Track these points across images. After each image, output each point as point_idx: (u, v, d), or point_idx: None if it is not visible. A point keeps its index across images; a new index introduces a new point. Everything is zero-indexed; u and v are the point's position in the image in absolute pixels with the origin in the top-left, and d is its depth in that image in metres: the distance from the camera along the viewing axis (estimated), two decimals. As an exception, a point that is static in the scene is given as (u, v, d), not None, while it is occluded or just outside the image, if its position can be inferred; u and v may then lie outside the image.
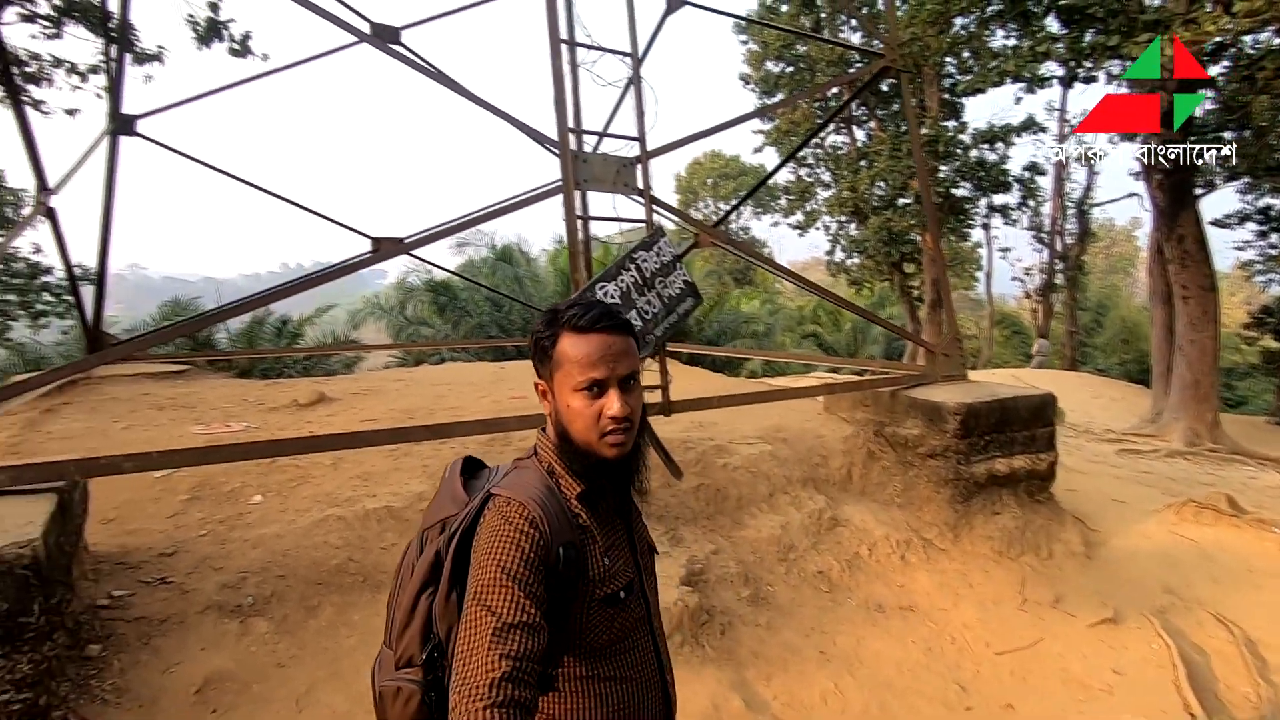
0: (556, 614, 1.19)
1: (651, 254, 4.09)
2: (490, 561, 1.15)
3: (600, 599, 1.25)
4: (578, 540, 1.24)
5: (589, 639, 1.25)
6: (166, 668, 2.79)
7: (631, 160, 4.20)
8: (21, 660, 2.25)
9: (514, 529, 1.18)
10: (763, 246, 31.77)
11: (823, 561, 4.37)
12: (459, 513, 1.32)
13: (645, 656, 1.34)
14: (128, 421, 5.16)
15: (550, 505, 1.23)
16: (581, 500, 1.29)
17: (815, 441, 5.36)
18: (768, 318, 19.27)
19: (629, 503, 1.42)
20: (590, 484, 1.29)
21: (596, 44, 4.25)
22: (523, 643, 1.08)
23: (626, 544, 1.36)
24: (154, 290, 35.11)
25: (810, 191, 18.52)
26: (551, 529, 1.20)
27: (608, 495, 1.34)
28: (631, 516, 1.42)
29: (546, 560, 1.17)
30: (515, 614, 1.09)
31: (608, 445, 1.25)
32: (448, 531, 1.32)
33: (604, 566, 1.27)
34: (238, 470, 4.21)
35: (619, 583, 1.28)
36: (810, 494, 4.84)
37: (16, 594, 2.21)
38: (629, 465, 1.31)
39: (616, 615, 1.27)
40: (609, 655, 1.28)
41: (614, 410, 1.23)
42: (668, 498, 4.45)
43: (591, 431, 1.24)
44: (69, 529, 2.78)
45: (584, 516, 1.28)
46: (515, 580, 1.12)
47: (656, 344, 4.05)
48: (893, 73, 5.45)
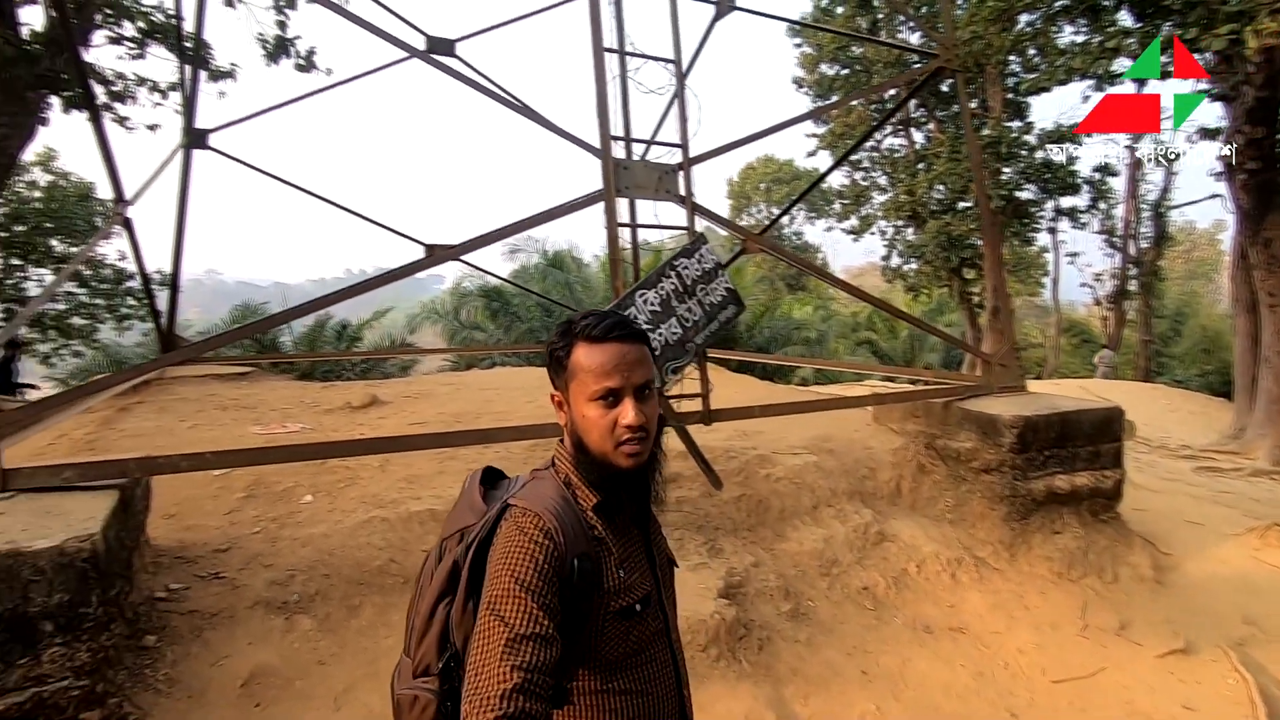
0: (571, 626, 1.18)
1: (693, 261, 4.05)
2: (504, 572, 1.15)
3: (615, 611, 1.23)
4: (593, 552, 1.23)
5: (604, 652, 1.23)
6: (215, 660, 2.90)
7: (674, 167, 4.18)
8: (81, 649, 2.37)
9: (528, 539, 1.17)
10: (816, 252, 31.27)
11: (868, 578, 4.24)
12: (476, 523, 1.33)
13: (662, 670, 1.31)
14: (193, 421, 5.41)
15: (566, 516, 1.22)
16: (598, 511, 1.27)
17: (863, 453, 5.21)
18: (820, 324, 18.94)
19: (647, 515, 1.39)
20: (606, 495, 1.28)
21: (640, 51, 4.25)
22: (535, 654, 1.07)
23: (644, 556, 1.34)
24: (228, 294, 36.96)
25: (865, 196, 18.13)
26: (566, 540, 1.19)
27: (624, 506, 1.32)
28: (650, 529, 1.40)
29: (561, 571, 1.16)
30: (528, 625, 1.09)
31: (623, 455, 1.23)
32: (465, 541, 1.32)
33: (619, 579, 1.26)
34: (291, 470, 4.36)
35: (635, 595, 1.26)
36: (856, 507, 4.71)
37: (76, 585, 2.34)
38: (645, 475, 1.29)
39: (632, 628, 1.25)
40: (624, 668, 1.25)
41: (629, 419, 1.22)
42: (708, 508, 4.40)
43: (607, 441, 1.23)
44: (130, 524, 2.92)
45: (600, 528, 1.27)
46: (529, 591, 1.11)
47: (697, 351, 4.01)
48: (948, 73, 5.27)
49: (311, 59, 9.32)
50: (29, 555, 2.27)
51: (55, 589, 2.31)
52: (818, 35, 15.94)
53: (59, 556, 2.31)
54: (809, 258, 29.74)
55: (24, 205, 13.87)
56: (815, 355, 16.08)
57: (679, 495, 4.46)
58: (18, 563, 2.26)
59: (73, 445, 4.76)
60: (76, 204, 14.34)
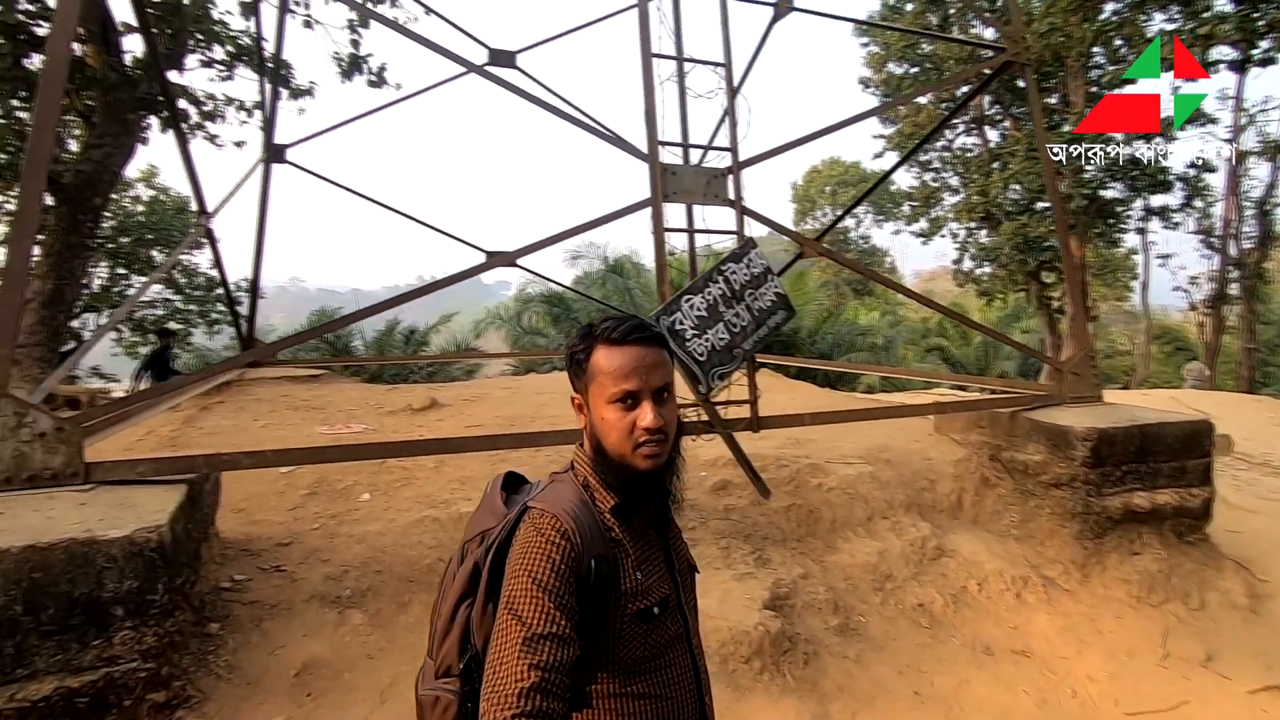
0: (589, 628, 1.18)
1: (741, 265, 4.00)
2: (522, 572, 1.16)
3: (633, 614, 1.23)
4: (610, 553, 1.23)
5: (622, 654, 1.23)
6: (272, 649, 3.04)
7: (723, 171, 4.14)
8: (148, 633, 2.53)
9: (545, 540, 1.18)
10: (883, 257, 30.40)
11: (924, 594, 4.07)
12: (496, 525, 1.34)
13: (682, 675, 1.30)
14: (266, 420, 5.71)
15: (583, 518, 1.23)
16: (615, 513, 1.28)
17: (922, 464, 5.02)
18: (887, 330, 18.38)
19: (666, 519, 1.39)
20: (624, 497, 1.28)
21: (689, 56, 4.23)
22: (552, 653, 1.08)
23: (662, 560, 1.34)
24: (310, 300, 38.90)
25: (936, 197, 17.51)
26: (583, 541, 1.19)
27: (642, 509, 1.32)
28: (669, 533, 1.39)
29: (578, 572, 1.17)
30: (545, 625, 1.09)
31: (642, 456, 1.23)
32: (485, 543, 1.34)
33: (637, 581, 1.25)
34: (351, 469, 4.54)
35: (653, 598, 1.26)
36: (913, 520, 4.53)
37: (144, 573, 2.49)
38: (663, 478, 1.29)
39: (651, 631, 1.24)
40: (643, 672, 1.25)
41: (647, 421, 1.22)
42: (756, 516, 4.32)
43: (625, 443, 1.23)
44: (197, 517, 3.10)
45: (617, 530, 1.27)
46: (546, 591, 1.12)
47: (744, 357, 3.95)
48: (1017, 67, 5.03)
49: (382, 75, 9.73)
50: (103, 544, 2.44)
51: (125, 576, 2.47)
52: (885, 33, 15.54)
53: (129, 546, 2.47)
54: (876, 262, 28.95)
55: (128, 219, 14.98)
56: (882, 362, 15.61)
57: (727, 503, 4.40)
58: (93, 550, 2.42)
59: (158, 441, 5.10)
60: (174, 216, 15.40)
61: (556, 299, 14.54)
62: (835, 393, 8.24)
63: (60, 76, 2.79)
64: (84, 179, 7.39)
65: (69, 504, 2.70)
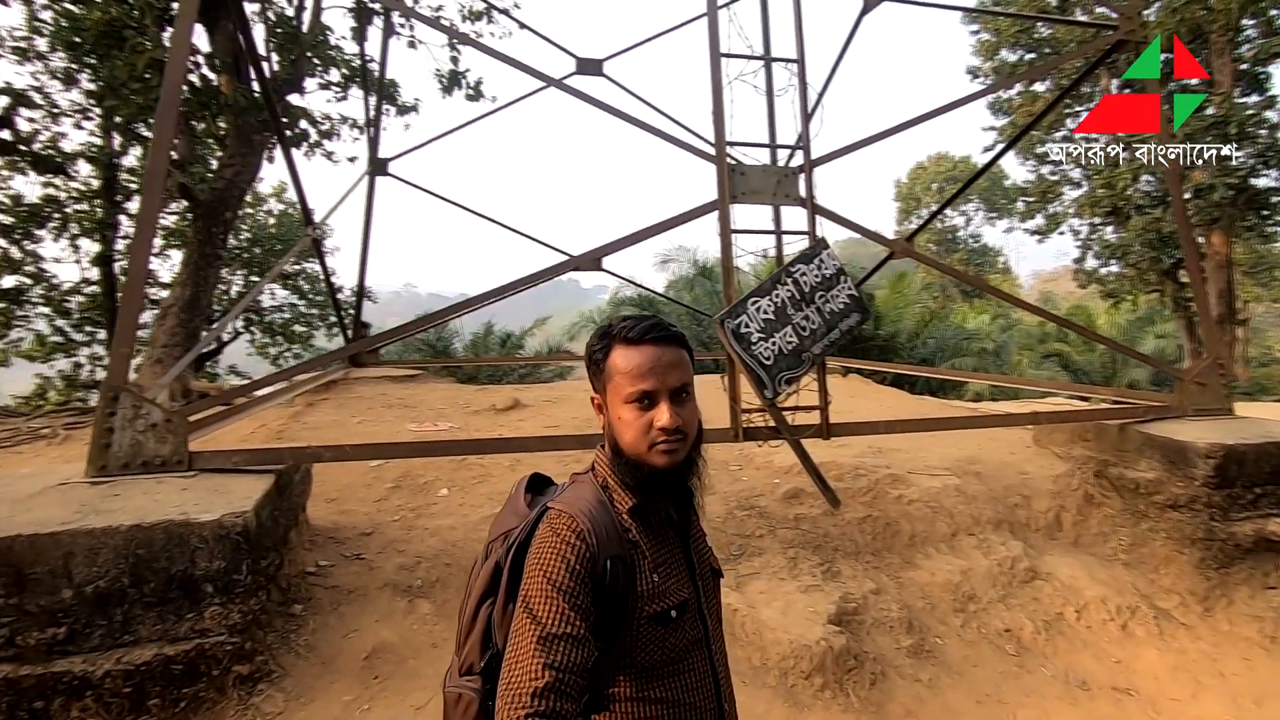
0: (605, 629, 1.18)
1: (812, 267, 3.87)
2: (538, 572, 1.17)
3: (650, 616, 1.22)
4: (626, 555, 1.22)
5: (639, 658, 1.22)
6: (347, 632, 3.23)
7: (794, 170, 4.03)
8: (234, 610, 2.76)
9: (561, 541, 1.19)
10: (996, 256, 28.51)
11: (1012, 619, 3.77)
12: (518, 525, 1.37)
13: (701, 681, 1.28)
14: (363, 417, 6.10)
15: (600, 518, 1.23)
16: (633, 514, 1.27)
17: (1017, 478, 4.66)
18: (999, 335, 17.22)
19: (688, 521, 1.37)
20: (642, 497, 1.27)
21: (760, 55, 4.15)
22: (567, 654, 1.08)
23: (682, 562, 1.32)
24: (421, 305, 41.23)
25: (1054, 191, 16.28)
26: (599, 541, 1.19)
27: (661, 511, 1.30)
28: (690, 535, 1.37)
29: (593, 573, 1.17)
30: (560, 625, 1.10)
31: (659, 454, 1.23)
32: (507, 543, 1.37)
33: (653, 583, 1.24)
34: (434, 465, 4.76)
35: (670, 601, 1.24)
36: (1003, 538, 4.21)
37: (231, 555, 2.72)
38: (681, 477, 1.28)
39: (668, 635, 1.23)
40: (661, 677, 1.23)
41: (663, 421, 1.21)
42: (828, 527, 4.16)
43: (642, 442, 1.23)
44: (285, 505, 3.35)
45: (634, 531, 1.26)
46: (560, 591, 1.13)
47: (814, 361, 3.82)
48: (1131, 46, 4.58)
49: (479, 88, 10.19)
50: (195, 526, 2.68)
51: (215, 556, 2.70)
52: (997, 19, 14.62)
53: (218, 529, 2.71)
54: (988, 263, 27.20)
55: (261, 230, 16.46)
56: (992, 369, 14.63)
57: (797, 513, 4.27)
58: (187, 531, 2.67)
59: (268, 433, 5.56)
60: (300, 228, 16.78)
61: (648, 303, 14.63)
62: (928, 400, 7.81)
63: (173, 105, 3.12)
64: (217, 195, 8.19)
65: (173, 489, 2.99)
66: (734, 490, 4.57)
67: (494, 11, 9.91)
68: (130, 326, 3.11)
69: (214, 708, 2.71)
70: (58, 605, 2.55)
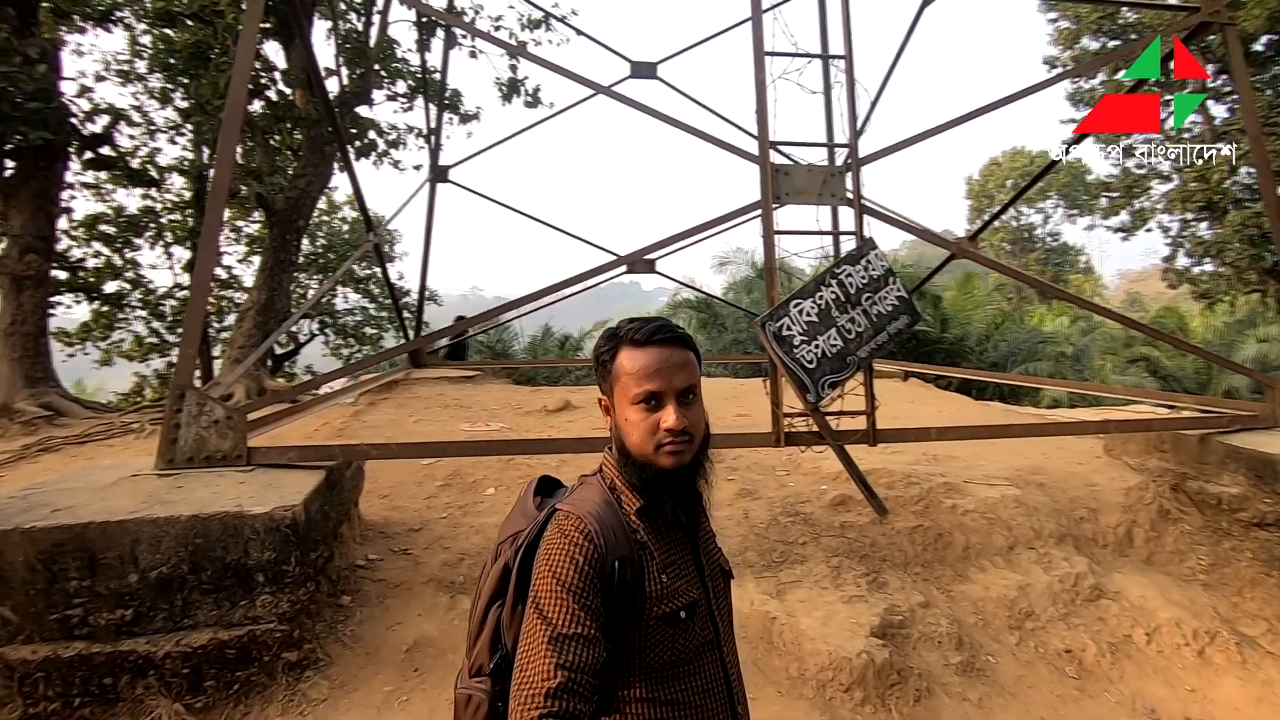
0: (614, 630, 1.18)
1: (859, 268, 3.77)
2: (547, 573, 1.19)
3: (659, 617, 1.21)
4: (634, 556, 1.22)
5: (648, 659, 1.21)
6: (391, 625, 3.34)
7: (840, 169, 3.93)
8: (283, 599, 2.89)
9: (569, 542, 1.20)
10: (1077, 255, 26.98)
11: (1073, 639, 3.56)
12: (527, 527, 1.39)
13: (712, 683, 1.27)
14: (419, 416, 6.30)
15: (608, 519, 1.24)
16: (641, 515, 1.27)
17: (1084, 490, 4.40)
18: (1079, 338, 16.30)
19: (697, 523, 1.36)
20: (649, 499, 1.27)
21: (804, 51, 4.07)
22: (578, 654, 1.09)
23: (691, 564, 1.31)
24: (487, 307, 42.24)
25: (1140, 186, 15.29)
26: (607, 542, 1.20)
27: (668, 511, 1.30)
28: (699, 537, 1.36)
29: (602, 573, 1.18)
30: (570, 625, 1.11)
31: (665, 454, 1.23)
32: (515, 545, 1.39)
33: (662, 584, 1.24)
34: (482, 464, 4.87)
35: (679, 602, 1.24)
36: (1066, 553, 3.98)
37: (280, 546, 2.85)
38: (689, 478, 1.27)
39: (677, 636, 1.22)
40: (670, 678, 1.23)
41: (670, 422, 1.21)
42: (875, 536, 4.03)
43: (648, 443, 1.23)
44: (335, 500, 3.49)
45: (642, 532, 1.26)
46: (570, 592, 1.14)
47: (860, 365, 3.71)
48: (1215, 28, 4.26)
49: (537, 95, 10.41)
50: (248, 518, 2.83)
51: (265, 547, 2.84)
52: (1077, 6, 13.87)
53: (269, 521, 2.85)
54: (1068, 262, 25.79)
55: (336, 237, 17.24)
56: (1070, 374, 13.84)
57: (844, 520, 4.15)
58: (241, 523, 2.82)
59: (330, 431, 5.81)
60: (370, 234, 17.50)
61: (704, 305, 14.56)
62: (993, 406, 7.45)
63: (236, 121, 3.31)
64: (291, 204, 8.64)
65: (231, 482, 3.17)
66: (780, 496, 4.49)
67: (551, 20, 10.10)
68: (195, 329, 3.32)
69: (264, 692, 2.85)
70: (125, 589, 2.74)
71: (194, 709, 2.74)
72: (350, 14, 10.06)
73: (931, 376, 8.96)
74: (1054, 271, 24.95)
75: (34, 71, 7.15)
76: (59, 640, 2.69)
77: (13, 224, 7.62)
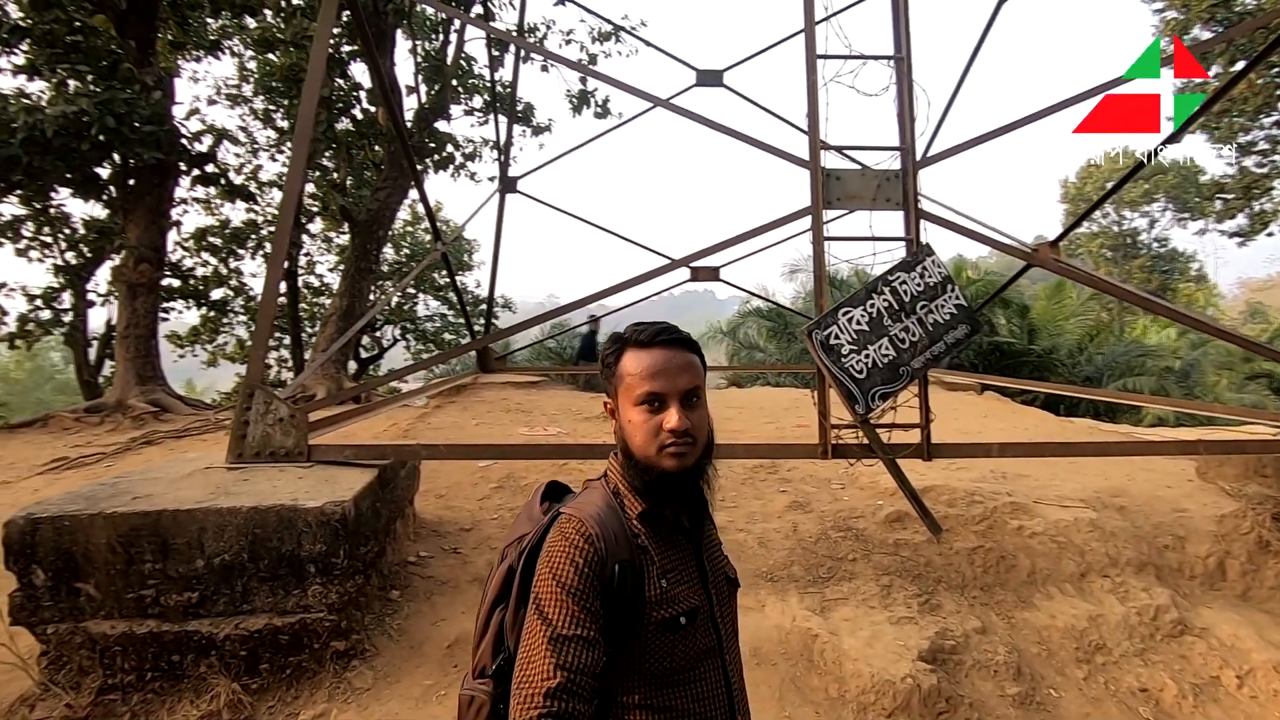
0: (614, 634, 1.19)
1: (913, 275, 3.62)
2: (548, 575, 1.21)
3: (659, 623, 1.21)
4: (635, 559, 1.23)
5: (648, 664, 1.21)
6: (436, 620, 3.44)
7: (895, 172, 3.79)
8: (332, 590, 3.03)
9: (569, 544, 1.22)
10: (1188, 262, 24.90)
11: (1150, 677, 3.27)
12: (531, 530, 1.41)
13: (713, 691, 1.26)
14: (481, 420, 6.48)
15: (609, 523, 1.25)
16: (643, 519, 1.28)
17: (1170, 516, 4.05)
18: (1188, 351, 15.03)
19: (700, 528, 1.36)
20: (652, 502, 1.27)
21: (859, 53, 3.96)
22: (578, 655, 1.11)
23: (693, 569, 1.31)
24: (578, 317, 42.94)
25: (1261, 185, 14.01)
26: (608, 545, 1.21)
27: (671, 515, 1.30)
28: (704, 544, 1.36)
29: (602, 576, 1.19)
30: (570, 627, 1.13)
31: (668, 456, 1.23)
32: (520, 548, 1.41)
33: (662, 589, 1.24)
34: (536, 468, 4.96)
35: (679, 607, 1.23)
36: (1146, 583, 3.67)
37: (330, 540, 3.00)
38: (692, 481, 1.27)
39: (678, 642, 1.22)
40: (670, 685, 1.22)
41: (672, 423, 1.21)
42: (931, 555, 3.84)
43: (651, 445, 1.24)
44: (387, 497, 3.64)
45: (644, 536, 1.26)
46: (570, 593, 1.16)
47: (913, 375, 3.56)
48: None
49: (606, 106, 10.58)
50: (301, 511, 2.99)
51: (317, 540, 2.99)
52: (1185, -6, 12.89)
53: (320, 515, 3.00)
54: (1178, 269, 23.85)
55: (419, 247, 18.05)
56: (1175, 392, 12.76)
57: (898, 538, 3.98)
58: (295, 515, 2.98)
59: (397, 431, 6.07)
60: (451, 243, 18.20)
61: (775, 314, 14.34)
62: (1076, 423, 6.93)
63: (305, 138, 3.53)
64: (372, 216, 9.12)
65: (291, 477, 3.36)
66: (832, 510, 4.36)
67: (621, 32, 10.25)
68: (264, 334, 3.54)
69: (313, 678, 3.00)
70: (192, 573, 2.94)
71: (250, 689, 2.91)
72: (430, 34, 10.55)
73: (1013, 391, 8.48)
74: (1160, 280, 23.10)
75: (150, 98, 7.86)
76: (134, 618, 2.91)
77: (129, 236, 8.39)
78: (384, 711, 2.88)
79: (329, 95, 8.53)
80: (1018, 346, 12.51)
